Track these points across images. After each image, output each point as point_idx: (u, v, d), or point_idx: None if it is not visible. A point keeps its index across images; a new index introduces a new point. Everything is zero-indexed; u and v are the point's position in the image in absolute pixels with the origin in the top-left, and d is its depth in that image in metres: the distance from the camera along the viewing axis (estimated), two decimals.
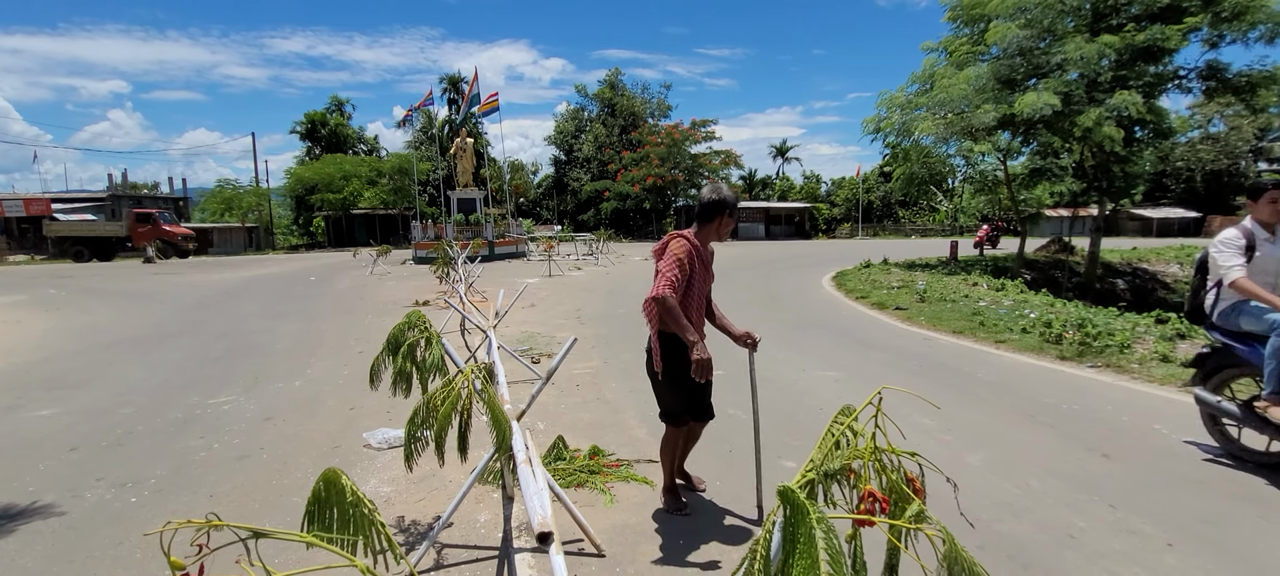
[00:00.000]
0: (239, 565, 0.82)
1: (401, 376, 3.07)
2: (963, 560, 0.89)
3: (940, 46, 18.21)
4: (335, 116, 48.07)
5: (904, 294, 11.86)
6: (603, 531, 3.16)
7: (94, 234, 30.49)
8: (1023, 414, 5.00)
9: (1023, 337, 7.74)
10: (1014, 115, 14.90)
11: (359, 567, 0.80)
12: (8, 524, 3.37)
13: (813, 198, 51.64)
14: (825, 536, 0.75)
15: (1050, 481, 3.72)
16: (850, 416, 1.10)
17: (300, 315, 10.95)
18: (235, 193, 42.45)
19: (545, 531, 1.56)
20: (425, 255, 21.86)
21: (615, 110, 48.36)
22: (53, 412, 5.41)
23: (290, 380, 6.38)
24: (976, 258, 18.78)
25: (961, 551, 0.91)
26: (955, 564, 0.89)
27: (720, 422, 4.88)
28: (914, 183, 19.39)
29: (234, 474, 4.03)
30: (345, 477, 1.07)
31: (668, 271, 3.00)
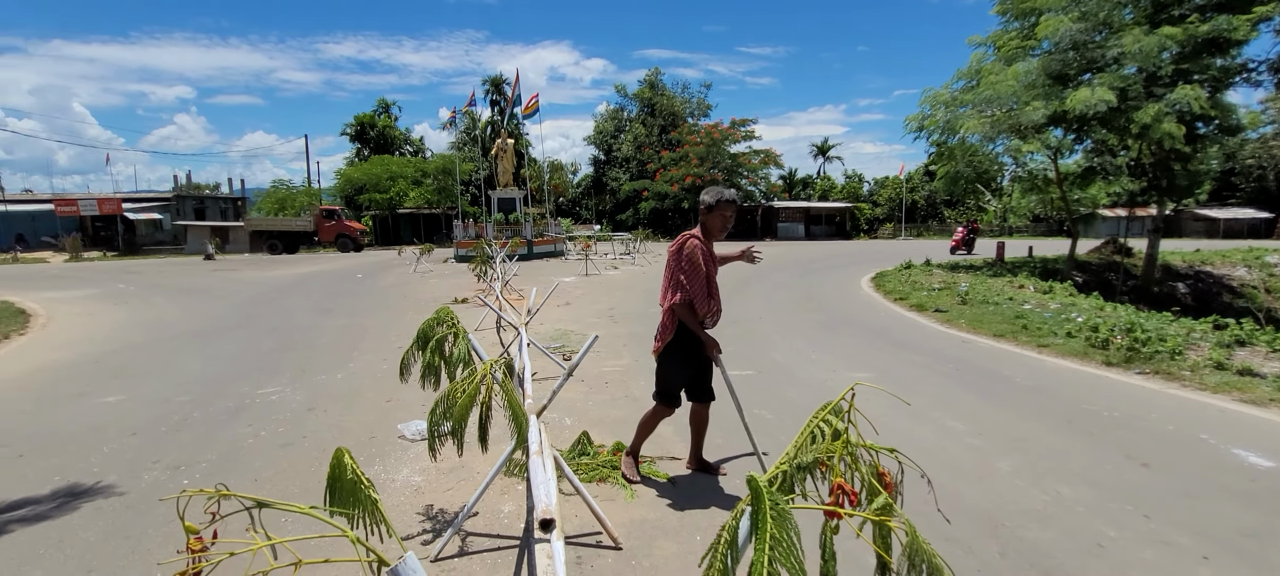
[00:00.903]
0: (248, 532, 0.92)
1: (430, 370, 3.21)
2: (923, 552, 0.92)
3: (988, 41, 17.65)
4: (383, 118, 49.59)
5: (945, 296, 11.57)
6: (621, 525, 3.23)
7: (286, 229, 34.14)
8: (1059, 419, 4.85)
9: (1067, 342, 7.47)
10: (1066, 112, 14.34)
11: (349, 537, 0.88)
12: (74, 501, 3.65)
13: (854, 197, 50.62)
14: (778, 521, 0.79)
15: (1082, 489, 3.62)
16: (826, 410, 1.13)
17: (345, 311, 11.38)
18: (289, 192, 44.28)
19: (547, 518, 1.63)
20: (466, 254, 22.37)
21: (655, 110, 48.44)
22: (117, 399, 5.80)
23: (333, 372, 6.67)
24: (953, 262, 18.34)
25: (923, 544, 0.93)
26: (916, 555, 0.92)
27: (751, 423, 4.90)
28: (959, 182, 18.82)
29: (278, 460, 4.26)
30: (348, 458, 1.17)
31: (687, 279, 3.49)
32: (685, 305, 3.49)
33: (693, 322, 3.50)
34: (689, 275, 3.49)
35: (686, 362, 3.61)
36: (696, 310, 3.50)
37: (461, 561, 2.95)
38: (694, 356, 3.61)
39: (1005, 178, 21.62)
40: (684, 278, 3.49)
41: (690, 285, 3.48)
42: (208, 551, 0.86)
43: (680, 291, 3.49)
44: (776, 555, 0.81)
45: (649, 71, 50.26)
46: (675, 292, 3.52)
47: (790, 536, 0.83)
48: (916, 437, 4.51)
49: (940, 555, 0.96)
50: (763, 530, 0.82)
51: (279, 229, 34.42)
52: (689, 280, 3.48)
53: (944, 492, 3.57)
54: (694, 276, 3.48)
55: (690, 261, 3.50)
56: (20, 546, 3.14)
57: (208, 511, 0.90)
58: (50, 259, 30.06)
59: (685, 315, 3.50)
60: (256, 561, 0.90)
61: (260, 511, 0.89)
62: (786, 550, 0.82)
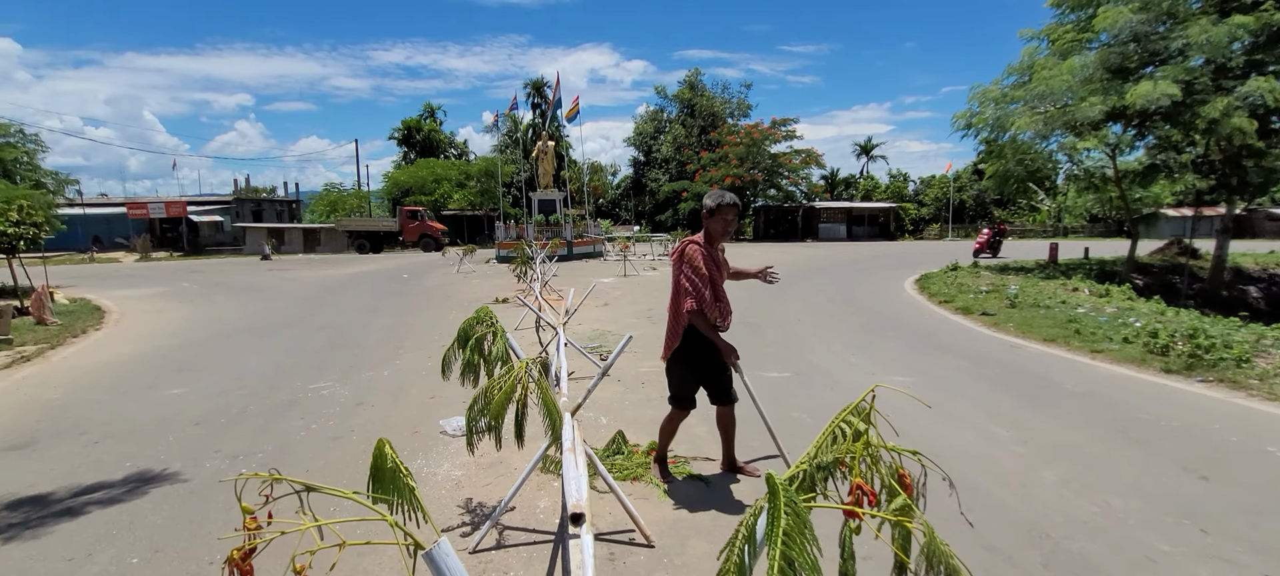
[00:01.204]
0: (297, 515, 0.99)
1: (469, 368, 3.31)
2: (940, 553, 0.93)
3: (1041, 34, 16.99)
4: (428, 122, 50.90)
5: (993, 298, 11.21)
6: (655, 523, 3.27)
7: (374, 230, 36.43)
8: (1112, 428, 4.66)
9: (1123, 348, 7.16)
10: (1125, 107, 13.70)
11: (388, 521, 0.95)
12: (143, 486, 3.90)
13: (899, 197, 49.38)
14: (792, 516, 0.82)
15: (1135, 501, 3.48)
16: (847, 410, 1.14)
17: (392, 310, 11.76)
18: (339, 195, 45.92)
19: (577, 512, 1.68)
20: (507, 254, 22.78)
21: (695, 110, 48.31)
22: (182, 391, 6.15)
23: (380, 369, 6.91)
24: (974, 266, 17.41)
25: (941, 545, 0.94)
26: (934, 556, 0.93)
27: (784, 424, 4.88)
28: (1009, 181, 18.17)
29: (327, 452, 4.46)
30: (388, 448, 1.24)
31: (693, 287, 3.48)
32: (697, 313, 3.48)
33: (707, 329, 3.50)
34: (692, 280, 3.48)
35: (696, 366, 3.62)
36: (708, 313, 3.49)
37: (498, 554, 3.04)
38: (706, 360, 3.60)
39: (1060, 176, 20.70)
40: (687, 283, 3.49)
41: (695, 290, 3.47)
42: (262, 530, 0.94)
43: (688, 298, 3.48)
44: (790, 548, 0.83)
45: (689, 72, 50.23)
46: (683, 299, 3.51)
47: (804, 531, 0.86)
48: (959, 444, 4.40)
49: (959, 557, 0.97)
50: (776, 524, 0.84)
51: (368, 229, 36.53)
52: (693, 286, 3.48)
53: (986, 500, 3.49)
54: (698, 280, 3.48)
55: (691, 266, 3.50)
56: (96, 526, 3.39)
57: (262, 493, 0.98)
58: (122, 259, 31.96)
59: (699, 322, 3.50)
60: (304, 541, 0.98)
61: (309, 495, 0.97)
62: (800, 544, 0.84)
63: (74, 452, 4.51)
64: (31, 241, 13.56)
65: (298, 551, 0.91)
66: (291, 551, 0.96)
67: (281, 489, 1.02)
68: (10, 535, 3.29)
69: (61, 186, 23.63)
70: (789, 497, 0.86)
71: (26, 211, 13.33)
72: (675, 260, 3.61)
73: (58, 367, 7.57)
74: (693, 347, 3.59)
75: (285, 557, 0.96)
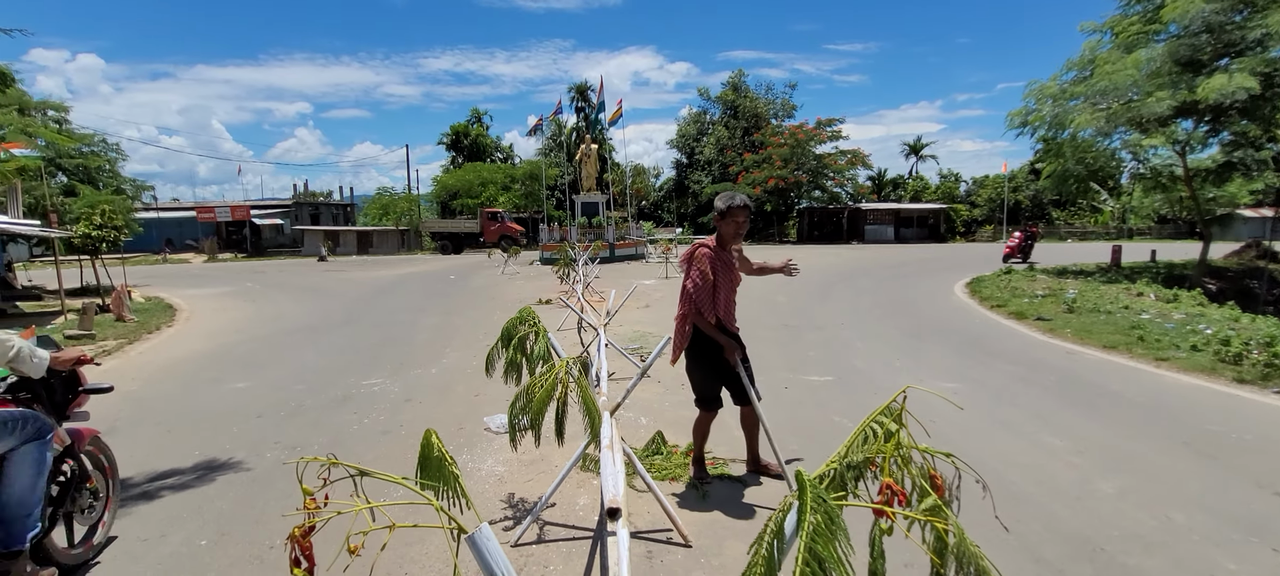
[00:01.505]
0: (351, 498, 1.07)
1: (512, 366, 3.41)
2: (970, 554, 0.93)
3: (1104, 27, 16.22)
4: (476, 127, 52.10)
5: (1049, 303, 10.76)
6: (693, 523, 3.29)
7: (456, 231, 38.11)
8: (1176, 440, 4.44)
9: (1192, 356, 6.78)
10: (1197, 102, 12.96)
11: (433, 506, 1.01)
12: (210, 474, 4.15)
13: (950, 198, 47.80)
14: (819, 511, 0.83)
15: (1199, 516, 3.31)
16: (878, 411, 1.15)
17: (440, 310, 12.11)
18: (391, 199, 47.44)
19: (614, 507, 1.73)
20: (550, 256, 23.12)
21: (738, 112, 47.97)
22: (246, 386, 6.50)
23: (428, 367, 7.14)
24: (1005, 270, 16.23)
25: (970, 547, 0.94)
26: (964, 557, 0.93)
27: (825, 429, 4.83)
28: (1068, 181, 17.41)
29: (378, 445, 4.64)
30: (436, 438, 1.31)
31: (696, 289, 3.54)
32: (697, 314, 3.55)
33: (708, 327, 3.54)
34: (696, 283, 3.54)
35: (712, 367, 3.66)
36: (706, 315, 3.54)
37: (539, 548, 3.11)
38: (719, 361, 3.64)
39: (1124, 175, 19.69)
40: (690, 285, 3.55)
41: (696, 293, 3.52)
42: (320, 510, 1.01)
43: (687, 301, 3.56)
44: (816, 543, 0.85)
45: (733, 73, 49.88)
46: (684, 303, 3.59)
47: (833, 528, 0.87)
48: (1009, 452, 4.27)
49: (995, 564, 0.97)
50: (803, 519, 0.86)
51: (450, 231, 38.20)
52: (696, 288, 3.53)
53: (1037, 511, 3.38)
54: (701, 283, 3.53)
55: (697, 269, 3.56)
56: (169, 508, 3.63)
57: (320, 477, 1.06)
58: (192, 259, 33.85)
59: (700, 322, 3.57)
60: (357, 523, 1.05)
61: (362, 480, 1.04)
62: (828, 541, 0.86)
63: (150, 440, 4.83)
64: (112, 243, 14.53)
65: (351, 531, 0.98)
66: (345, 532, 1.03)
67: (336, 475, 1.10)
68: None
69: (139, 192, 25.22)
70: (816, 493, 0.88)
71: (108, 215, 14.29)
72: (684, 263, 3.67)
73: (135, 361, 8.10)
74: (702, 349, 3.65)
75: (339, 538, 1.03)
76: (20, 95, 19.55)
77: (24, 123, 16.81)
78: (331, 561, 1.08)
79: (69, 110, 22.60)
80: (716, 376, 3.69)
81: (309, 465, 1.07)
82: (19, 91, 19.82)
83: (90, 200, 18.47)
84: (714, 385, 3.71)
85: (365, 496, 1.04)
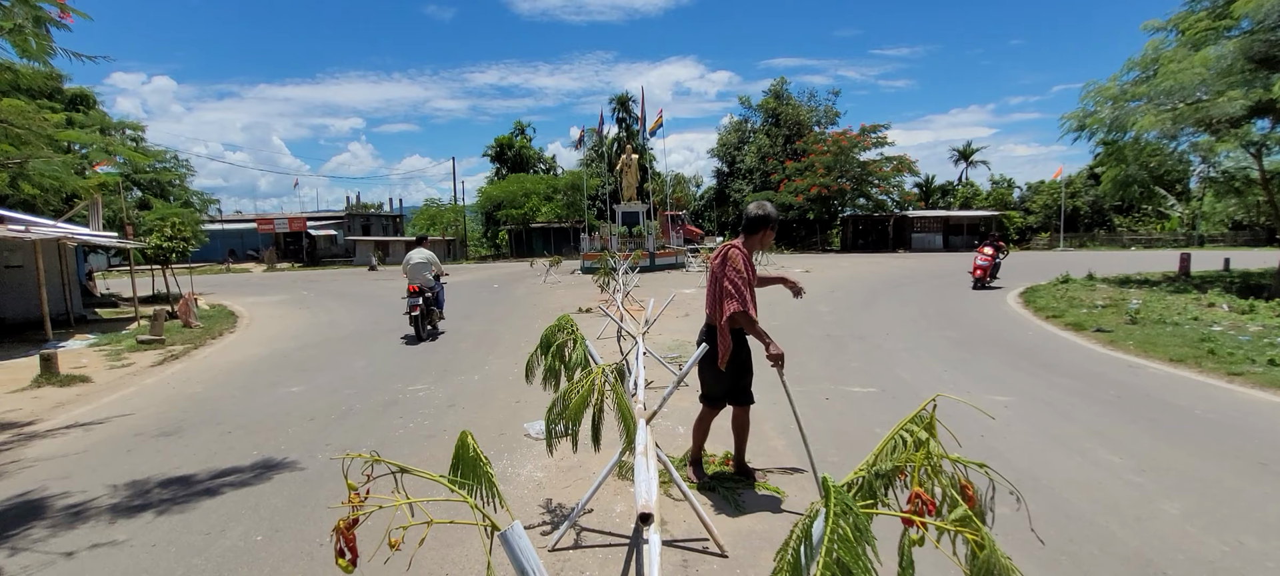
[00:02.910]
0: (392, 495, 1.12)
1: (551, 373, 3.47)
2: (1001, 568, 0.91)
3: (1168, 25, 15.42)
4: (520, 139, 53.15)
5: (1110, 314, 10.26)
6: (728, 534, 3.27)
7: None
8: (1251, 460, 4.16)
9: (1270, 371, 6.35)
10: (1273, 100, 12.17)
11: (468, 503, 1.05)
12: (268, 472, 4.35)
13: (1002, 204, 46.12)
14: (851, 523, 0.83)
15: (1275, 542, 3.10)
16: (908, 419, 1.13)
17: (483, 318, 12.37)
18: (438, 210, 48.83)
19: (646, 512, 1.74)
20: (591, 265, 23.32)
21: (779, 120, 47.52)
22: (300, 390, 6.78)
23: (470, 374, 7.30)
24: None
25: (1002, 558, 0.92)
26: (994, 570, 0.91)
27: (867, 440, 4.73)
28: (1130, 186, 16.55)
29: (422, 449, 4.78)
30: (471, 439, 1.36)
31: (736, 288, 3.55)
32: (742, 314, 3.54)
33: (752, 326, 3.55)
34: (736, 283, 3.54)
35: (731, 366, 3.67)
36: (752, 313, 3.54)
37: (575, 554, 3.15)
38: (734, 362, 3.68)
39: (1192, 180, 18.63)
40: (730, 286, 3.55)
41: (737, 292, 3.52)
42: (364, 504, 1.07)
43: (732, 300, 3.54)
44: (841, 550, 0.85)
45: (774, 81, 49.46)
46: (727, 302, 3.57)
47: (859, 536, 0.87)
48: (1064, 469, 4.09)
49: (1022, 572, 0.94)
50: (828, 525, 0.86)
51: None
52: (736, 287, 3.53)
53: (1091, 531, 3.23)
54: (740, 282, 3.55)
55: (733, 269, 3.58)
56: (227, 505, 3.82)
57: (364, 474, 1.12)
58: (252, 269, 35.54)
59: (744, 322, 3.58)
60: (398, 518, 1.10)
61: (402, 476, 1.09)
62: (854, 548, 0.86)
63: (212, 440, 5.10)
64: (181, 254, 15.40)
65: (392, 526, 1.03)
66: (386, 526, 1.08)
67: (379, 471, 1.15)
68: (162, 509, 3.78)
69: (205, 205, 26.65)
70: (842, 500, 0.88)
71: (178, 227, 15.15)
72: (717, 265, 3.66)
73: (200, 365, 8.55)
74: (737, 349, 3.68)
75: (381, 533, 1.08)
76: (102, 117, 21.01)
77: (105, 142, 18.05)
78: (372, 554, 1.14)
79: (144, 129, 24.13)
80: (730, 375, 3.73)
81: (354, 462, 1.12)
82: (100, 113, 21.30)
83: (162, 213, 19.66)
84: (725, 383, 3.76)
85: (406, 493, 1.09)
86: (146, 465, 4.56)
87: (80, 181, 14.42)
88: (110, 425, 5.68)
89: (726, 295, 3.58)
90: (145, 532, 3.48)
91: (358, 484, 1.16)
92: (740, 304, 3.53)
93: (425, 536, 1.09)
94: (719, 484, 3.89)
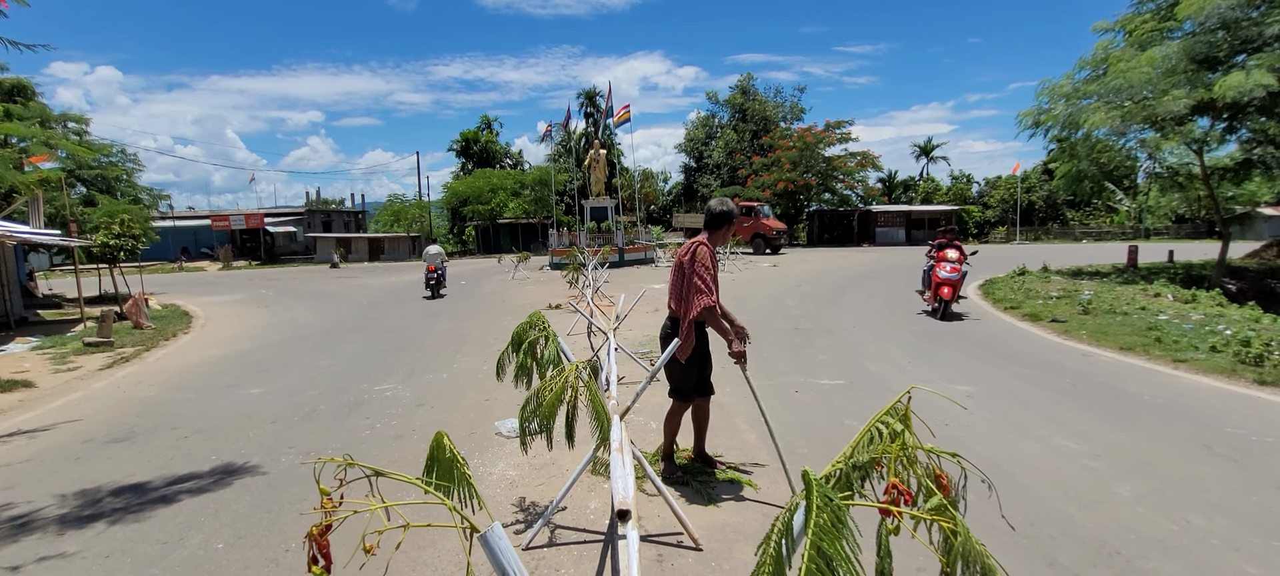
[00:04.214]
0: (367, 498, 1.09)
1: (522, 370, 3.43)
2: (975, 554, 0.93)
3: (1117, 26, 16.05)
4: (485, 134, 52.40)
5: (1064, 305, 10.65)
6: (702, 528, 3.29)
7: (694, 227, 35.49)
8: (1196, 443, 4.37)
9: (1211, 357, 6.68)
10: (1213, 99, 12.79)
11: (448, 506, 1.03)
12: (227, 477, 4.21)
13: (962, 199, 47.41)
14: (825, 510, 0.84)
15: (1219, 520, 3.26)
16: (884, 411, 1.15)
17: (451, 315, 12.18)
18: (402, 205, 47.80)
19: (624, 509, 1.74)
20: (560, 261, 23.17)
21: (746, 115, 47.91)
22: (261, 391, 6.57)
23: (439, 372, 7.19)
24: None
25: (976, 545, 0.94)
26: (969, 558, 0.93)
27: (836, 432, 4.81)
28: (1083, 181, 17.20)
29: (390, 450, 4.68)
30: (447, 439, 1.33)
31: (705, 284, 3.61)
32: (710, 309, 3.60)
33: (718, 322, 3.62)
34: (704, 278, 3.61)
35: (695, 359, 3.75)
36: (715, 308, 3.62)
37: (550, 551, 3.13)
38: (696, 355, 3.76)
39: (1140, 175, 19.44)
40: (700, 282, 3.61)
41: (706, 288, 3.59)
42: (338, 509, 1.03)
43: (702, 295, 3.59)
44: (823, 541, 0.86)
45: (741, 77, 49.83)
46: (696, 297, 3.62)
47: (839, 527, 0.88)
48: (1024, 455, 4.23)
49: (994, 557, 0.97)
50: (810, 518, 0.87)
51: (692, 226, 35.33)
52: (705, 283, 3.60)
53: (1052, 515, 3.35)
54: (708, 278, 3.62)
55: (702, 265, 3.64)
56: (187, 512, 3.68)
57: (337, 478, 1.08)
58: (207, 267, 34.30)
59: (710, 318, 3.64)
60: (373, 522, 1.07)
61: (378, 480, 1.06)
62: (835, 539, 0.87)
63: (167, 445, 4.90)
64: (130, 252, 14.76)
65: (367, 531, 1.00)
66: (360, 532, 1.05)
67: (351, 475, 1.12)
68: (115, 518, 3.62)
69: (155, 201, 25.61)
70: (823, 492, 0.88)
71: (126, 225, 14.51)
72: (686, 260, 3.70)
73: (152, 368, 8.21)
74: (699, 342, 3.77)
75: (354, 538, 1.05)
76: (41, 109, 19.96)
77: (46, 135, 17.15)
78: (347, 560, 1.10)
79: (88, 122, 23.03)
80: (696, 368, 3.80)
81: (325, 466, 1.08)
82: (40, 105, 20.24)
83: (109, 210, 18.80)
84: (693, 377, 3.82)
85: (381, 497, 1.06)
86: (97, 473, 4.36)
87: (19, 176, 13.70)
88: (56, 431, 5.41)
89: (696, 290, 3.62)
90: (97, 543, 3.33)
91: (329, 488, 1.12)
92: (708, 300, 3.59)
93: (401, 540, 1.06)
94: (692, 477, 3.92)
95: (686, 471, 3.99)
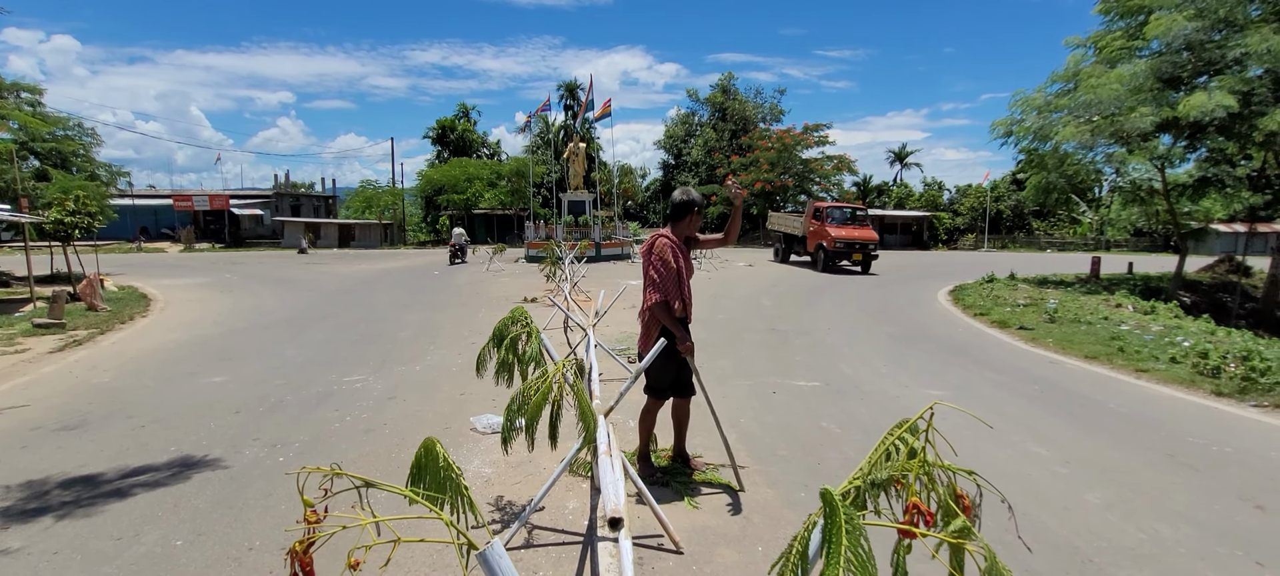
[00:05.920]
0: (354, 510, 1.01)
1: (504, 367, 3.34)
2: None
3: (1088, 42, 16.51)
4: (463, 122, 51.59)
5: (1031, 312, 10.91)
6: (684, 530, 3.25)
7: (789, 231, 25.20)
8: (1160, 452, 4.49)
9: (1171, 368, 6.89)
10: (1177, 118, 13.23)
11: (443, 520, 0.95)
12: (186, 471, 4.02)
13: (934, 205, 48.33)
14: (851, 537, 0.80)
15: (1184, 529, 3.34)
16: (902, 428, 1.12)
17: (424, 306, 11.95)
18: (375, 192, 46.80)
19: (616, 517, 1.68)
20: (536, 254, 22.95)
21: (726, 114, 48.08)
22: (223, 380, 6.33)
23: (412, 364, 7.02)
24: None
25: (1003, 570, 0.91)
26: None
27: (814, 435, 4.81)
28: (1051, 192, 17.67)
29: (361, 444, 4.54)
30: (439, 447, 1.25)
31: (661, 278, 3.57)
32: (662, 304, 3.56)
33: (670, 320, 3.58)
34: (661, 272, 3.56)
35: (672, 358, 3.68)
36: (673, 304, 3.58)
37: (527, 553, 3.05)
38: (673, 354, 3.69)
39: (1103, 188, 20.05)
40: (655, 275, 3.57)
41: (662, 282, 3.55)
42: (322, 522, 0.95)
43: (654, 290, 3.57)
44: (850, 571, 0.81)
45: (722, 76, 50.05)
46: (649, 292, 3.61)
47: (863, 552, 0.84)
48: (995, 461, 4.29)
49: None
50: (836, 544, 0.82)
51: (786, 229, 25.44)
52: (661, 277, 3.55)
53: (1025, 522, 3.39)
54: (666, 272, 3.56)
55: (660, 258, 3.59)
56: (143, 507, 3.50)
57: (322, 488, 1.00)
58: (168, 249, 33.10)
59: (662, 314, 3.59)
60: (356, 536, 0.99)
61: (367, 490, 0.98)
62: (860, 565, 0.82)
63: (122, 435, 4.68)
64: (85, 230, 14.13)
65: (355, 546, 0.93)
66: (341, 543, 0.97)
67: (338, 485, 1.04)
68: (63, 513, 3.43)
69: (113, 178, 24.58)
70: (849, 515, 0.84)
71: (82, 202, 13.89)
72: (645, 253, 3.68)
73: (107, 352, 7.86)
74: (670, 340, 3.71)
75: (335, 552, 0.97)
76: None
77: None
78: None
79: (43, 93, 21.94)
80: (672, 367, 3.73)
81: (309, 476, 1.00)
82: None
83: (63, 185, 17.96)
84: (670, 376, 3.76)
85: (370, 507, 0.98)
86: (45, 463, 4.14)
87: None
88: (1, 417, 5.13)
89: (650, 284, 3.62)
90: (45, 539, 3.15)
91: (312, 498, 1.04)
92: (661, 295, 3.55)
93: (391, 555, 0.99)
94: (672, 478, 3.88)
95: (666, 472, 3.95)
